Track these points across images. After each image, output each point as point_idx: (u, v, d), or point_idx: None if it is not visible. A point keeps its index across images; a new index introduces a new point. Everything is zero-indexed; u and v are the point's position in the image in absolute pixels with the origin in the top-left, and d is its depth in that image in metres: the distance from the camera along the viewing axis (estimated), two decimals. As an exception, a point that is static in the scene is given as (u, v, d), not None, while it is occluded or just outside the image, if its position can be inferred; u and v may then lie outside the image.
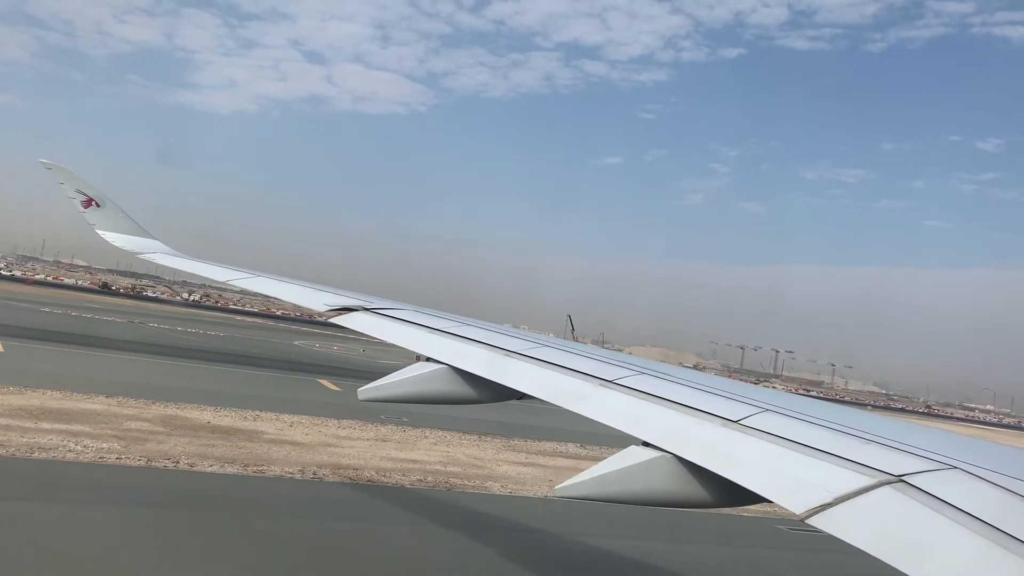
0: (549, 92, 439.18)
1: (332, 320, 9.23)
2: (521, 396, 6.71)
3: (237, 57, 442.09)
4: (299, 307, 10.83)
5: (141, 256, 13.85)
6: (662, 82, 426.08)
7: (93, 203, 13.91)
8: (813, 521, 3.83)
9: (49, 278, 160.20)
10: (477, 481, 23.45)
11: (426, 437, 29.73)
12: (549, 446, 32.31)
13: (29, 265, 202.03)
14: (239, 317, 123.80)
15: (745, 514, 22.93)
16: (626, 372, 6.30)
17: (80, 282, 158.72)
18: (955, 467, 4.15)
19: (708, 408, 5.29)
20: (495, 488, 23.12)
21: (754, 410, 5.21)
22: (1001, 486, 3.89)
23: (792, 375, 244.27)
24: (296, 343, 79.40)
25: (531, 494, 22.97)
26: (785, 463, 4.43)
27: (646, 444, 5.05)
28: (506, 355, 7.13)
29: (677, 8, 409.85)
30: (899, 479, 3.94)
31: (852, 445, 4.52)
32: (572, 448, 32.72)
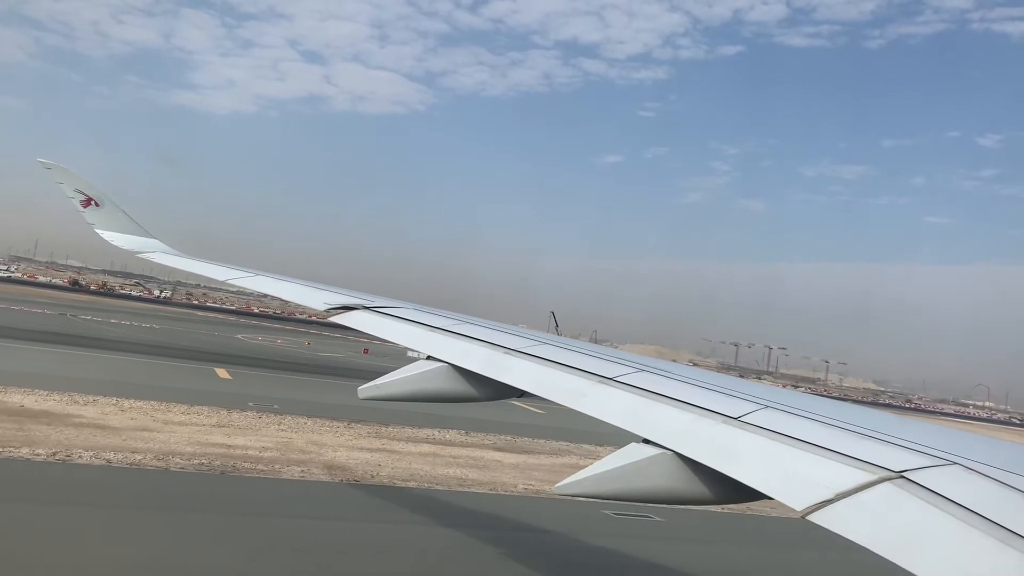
0: (548, 90, 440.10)
1: (332, 319, 9.23)
2: (521, 394, 6.72)
3: (235, 57, 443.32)
4: (299, 306, 10.83)
5: (140, 255, 13.84)
6: (661, 80, 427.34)
7: (92, 202, 13.90)
8: (814, 518, 3.84)
9: (24, 276, 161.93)
10: (278, 466, 22.48)
11: (281, 424, 29.18)
12: (443, 435, 31.73)
13: (17, 265, 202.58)
14: (202, 313, 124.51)
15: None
16: (626, 369, 6.30)
17: (54, 280, 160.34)
18: (955, 463, 4.15)
19: (708, 405, 5.29)
20: (291, 473, 21.98)
21: (754, 407, 5.22)
22: (1001, 482, 3.90)
23: (788, 372, 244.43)
24: (239, 336, 79.22)
25: (331, 479, 21.99)
26: (785, 460, 4.43)
27: (646, 441, 5.05)
28: (506, 353, 7.14)
29: (675, 6, 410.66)
30: (899, 475, 3.94)
31: (852, 441, 4.53)
32: (453, 435, 32.04)
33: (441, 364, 7.22)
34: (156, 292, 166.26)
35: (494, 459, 28.36)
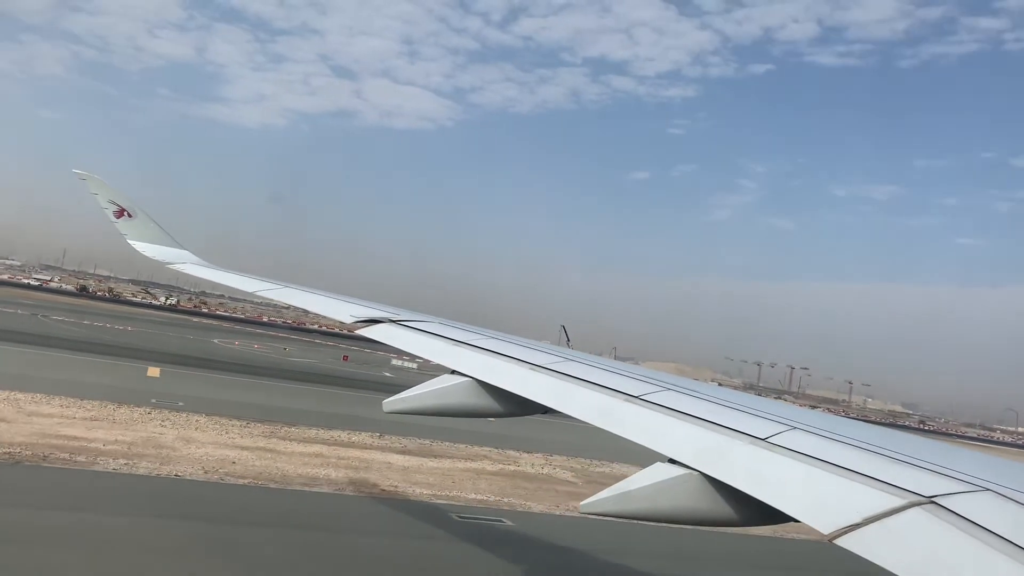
0: (576, 107, 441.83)
1: (359, 332, 9.29)
2: (546, 410, 6.71)
3: (267, 72, 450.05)
4: (326, 318, 10.91)
5: (171, 267, 14.03)
6: (690, 98, 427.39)
7: (125, 213, 14.13)
8: (841, 542, 3.79)
9: (42, 284, 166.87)
10: (108, 458, 22.20)
11: (165, 420, 29.01)
12: (351, 437, 31.43)
13: (50, 275, 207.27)
14: (202, 320, 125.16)
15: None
16: (652, 388, 6.27)
17: (64, 286, 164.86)
18: (987, 489, 4.09)
19: (735, 425, 5.25)
20: (106, 465, 21.68)
21: (781, 428, 5.17)
22: (1035, 509, 3.83)
23: (811, 392, 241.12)
24: (215, 340, 79.48)
25: (149, 474, 21.52)
26: (813, 482, 4.38)
27: (672, 461, 5.02)
28: (531, 369, 7.13)
29: (705, 24, 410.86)
30: (930, 500, 3.88)
31: (881, 465, 4.47)
32: (363, 438, 31.71)
33: (466, 379, 7.22)
34: (162, 299, 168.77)
35: (385, 461, 27.72)
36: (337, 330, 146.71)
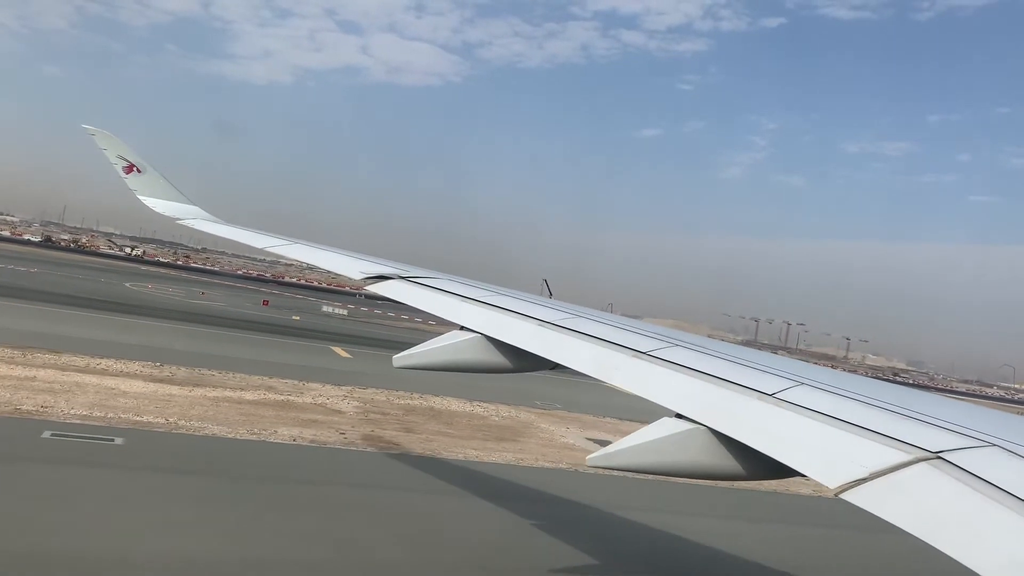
0: (586, 62, 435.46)
1: (368, 288, 9.33)
2: (554, 366, 6.75)
3: (273, 27, 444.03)
4: (335, 274, 10.94)
5: (181, 222, 14.04)
6: (701, 52, 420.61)
7: (134, 169, 14.11)
8: (847, 496, 3.83)
9: (12, 234, 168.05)
10: None
11: (57, 363, 26.22)
12: (121, 366, 28.18)
13: (48, 228, 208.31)
14: (147, 268, 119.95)
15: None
16: (660, 344, 6.29)
17: (32, 238, 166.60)
18: (993, 444, 4.11)
19: (742, 381, 5.27)
20: None
21: (788, 384, 5.19)
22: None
23: (807, 349, 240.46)
24: (128, 284, 76.56)
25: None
26: (820, 437, 4.42)
27: (679, 416, 5.06)
28: (539, 325, 7.16)
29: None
30: (936, 455, 3.91)
31: (887, 420, 4.49)
32: (136, 367, 28.38)
33: (474, 335, 7.26)
34: (128, 250, 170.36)
35: (105, 386, 23.94)
36: (316, 283, 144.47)
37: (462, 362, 7.31)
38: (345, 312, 75.84)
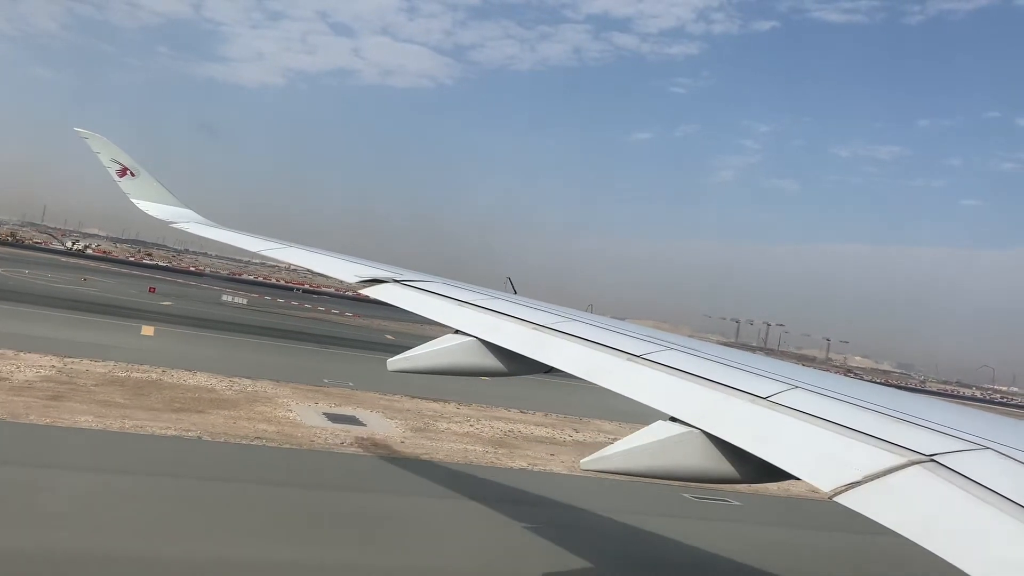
0: (578, 65, 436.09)
1: (363, 292, 9.30)
2: (549, 370, 6.74)
3: (265, 29, 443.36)
4: (329, 278, 10.91)
5: (174, 225, 14.00)
6: (693, 55, 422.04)
7: (128, 172, 14.07)
8: (841, 499, 3.82)
9: None
10: None
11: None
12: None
13: (24, 229, 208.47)
14: (79, 262, 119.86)
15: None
16: (653, 347, 6.29)
17: None
18: (987, 447, 4.11)
19: (737, 384, 5.27)
20: None
21: (783, 387, 5.19)
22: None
23: (786, 350, 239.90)
24: (26, 271, 75.52)
25: None
26: (814, 441, 4.41)
27: (673, 419, 5.06)
28: (534, 329, 7.15)
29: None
30: (930, 458, 3.91)
31: (881, 423, 4.49)
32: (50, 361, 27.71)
33: (469, 338, 7.25)
34: (68, 244, 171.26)
35: None
36: (275, 282, 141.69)
37: (457, 366, 7.29)
38: (244, 302, 77.23)
